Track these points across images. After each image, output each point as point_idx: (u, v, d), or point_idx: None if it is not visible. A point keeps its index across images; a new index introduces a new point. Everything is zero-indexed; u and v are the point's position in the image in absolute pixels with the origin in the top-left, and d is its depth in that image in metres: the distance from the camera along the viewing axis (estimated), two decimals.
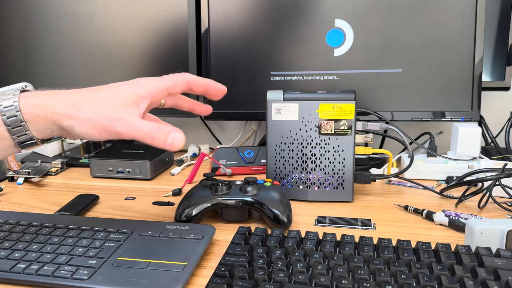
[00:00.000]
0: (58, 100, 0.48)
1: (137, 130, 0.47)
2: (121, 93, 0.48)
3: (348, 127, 0.69)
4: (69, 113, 0.47)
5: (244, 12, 0.88)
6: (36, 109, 0.48)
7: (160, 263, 0.48)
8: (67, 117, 0.47)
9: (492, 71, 0.90)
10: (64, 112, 0.47)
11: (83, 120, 0.47)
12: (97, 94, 0.48)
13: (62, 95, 0.48)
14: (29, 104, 0.47)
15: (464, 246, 0.48)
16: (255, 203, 0.61)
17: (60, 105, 0.47)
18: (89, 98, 0.48)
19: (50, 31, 0.98)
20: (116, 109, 0.47)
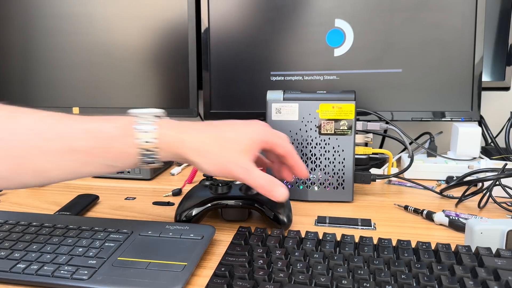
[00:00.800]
0: (190, 135, 0.51)
1: (254, 180, 0.52)
2: (245, 136, 0.53)
3: (348, 127, 0.69)
4: (199, 152, 0.51)
5: (244, 12, 0.88)
6: (171, 140, 0.51)
7: (160, 263, 0.48)
8: (197, 154, 0.51)
9: (492, 71, 0.90)
10: (194, 150, 0.51)
11: (209, 160, 0.51)
12: (225, 134, 0.52)
13: (194, 130, 0.52)
14: (166, 134, 0.50)
15: (464, 246, 0.48)
16: (255, 203, 0.61)
17: (192, 142, 0.51)
18: (218, 138, 0.52)
19: (50, 31, 0.98)
20: (239, 155, 0.52)
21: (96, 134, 0.49)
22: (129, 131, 0.50)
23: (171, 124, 0.52)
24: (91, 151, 0.49)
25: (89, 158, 0.50)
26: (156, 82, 0.96)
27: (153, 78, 0.96)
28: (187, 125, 0.52)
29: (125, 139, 0.50)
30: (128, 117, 0.51)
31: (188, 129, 0.52)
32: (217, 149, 0.51)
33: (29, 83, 1.01)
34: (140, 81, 0.96)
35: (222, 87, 0.91)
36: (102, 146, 0.49)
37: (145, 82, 0.96)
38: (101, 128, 0.50)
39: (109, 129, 0.50)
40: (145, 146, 0.50)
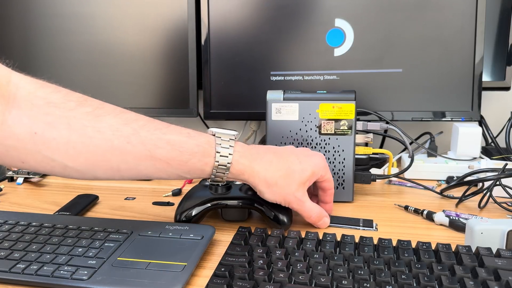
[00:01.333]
0: (261, 166, 0.55)
1: (306, 212, 0.58)
2: (308, 169, 0.57)
3: (348, 127, 0.69)
4: (266, 183, 0.56)
5: (244, 12, 0.88)
6: (243, 168, 0.55)
7: (160, 263, 0.48)
8: (264, 185, 0.56)
9: (493, 71, 0.90)
10: (262, 181, 0.56)
11: (273, 191, 0.56)
12: (292, 167, 0.57)
13: (264, 162, 0.56)
14: (239, 162, 0.55)
15: (464, 246, 0.48)
16: (255, 203, 0.61)
17: (262, 173, 0.55)
18: (285, 172, 0.56)
19: (50, 31, 0.98)
20: (299, 187, 0.57)
21: (178, 147, 0.52)
22: (209, 151, 0.53)
23: (246, 151, 0.56)
24: (170, 161, 0.52)
25: (165, 167, 0.52)
26: (156, 82, 0.96)
27: (153, 78, 0.96)
28: (258, 153, 0.56)
29: (204, 158, 0.53)
30: (209, 136, 0.55)
31: (259, 158, 0.56)
32: (283, 182, 0.56)
33: None
34: (140, 80, 0.96)
35: (222, 87, 0.91)
36: (181, 159, 0.52)
37: (145, 81, 0.96)
38: (184, 143, 0.52)
39: (191, 145, 0.53)
40: (220, 168, 0.54)
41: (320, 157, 0.60)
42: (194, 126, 1.13)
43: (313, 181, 0.58)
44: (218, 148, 0.53)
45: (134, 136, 0.51)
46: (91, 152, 0.50)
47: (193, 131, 0.54)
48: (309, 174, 0.57)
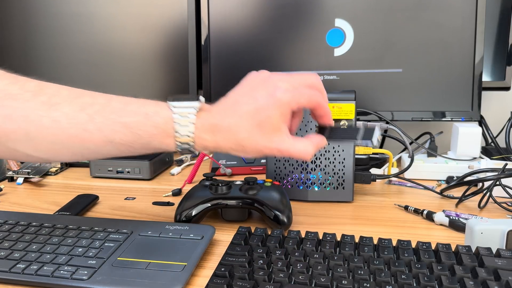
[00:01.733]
0: (224, 136, 0.50)
1: (296, 155, 0.51)
2: (273, 115, 0.49)
3: (348, 127, 0.69)
4: (234, 150, 0.51)
5: (244, 12, 0.88)
6: (206, 144, 0.51)
7: (160, 263, 0.48)
8: (234, 151, 0.51)
9: (492, 71, 0.90)
10: (229, 149, 0.51)
11: (248, 153, 0.51)
12: (255, 120, 0.50)
13: (226, 130, 0.50)
14: (202, 138, 0.51)
15: (464, 246, 0.48)
16: (255, 203, 0.61)
17: (226, 144, 0.51)
18: (249, 131, 0.50)
19: (50, 31, 0.98)
20: (272, 137, 0.50)
21: (136, 130, 0.50)
22: (169, 132, 0.50)
23: (206, 122, 0.51)
24: (131, 144, 0.51)
25: (129, 148, 0.52)
26: (156, 82, 0.96)
27: (153, 77, 0.96)
28: (218, 121, 0.51)
29: (164, 139, 0.51)
30: (167, 113, 0.51)
31: (222, 126, 0.50)
32: (249, 142, 0.50)
33: None
34: (140, 80, 0.96)
35: (222, 87, 0.91)
36: (142, 142, 0.51)
37: (145, 81, 0.96)
38: (141, 125, 0.50)
39: (149, 127, 0.50)
40: (184, 147, 0.51)
41: (281, 87, 0.50)
42: None
43: (287, 117, 0.51)
44: (177, 127, 0.50)
45: (90, 123, 0.50)
46: (50, 142, 0.50)
47: (152, 108, 0.51)
48: (277, 120, 0.49)
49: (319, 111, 0.54)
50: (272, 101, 0.49)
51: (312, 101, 0.52)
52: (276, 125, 0.50)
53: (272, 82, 0.51)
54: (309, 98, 0.51)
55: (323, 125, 0.55)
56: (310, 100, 0.52)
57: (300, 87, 0.51)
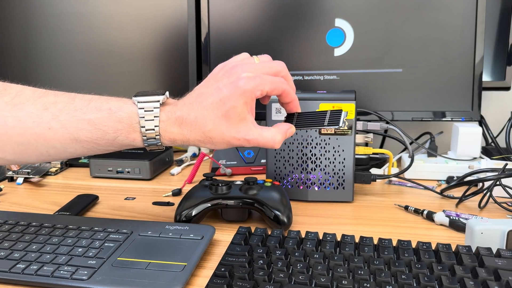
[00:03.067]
0: (191, 129, 0.51)
1: (263, 143, 0.52)
2: (236, 105, 0.50)
3: (348, 127, 0.69)
4: (202, 142, 0.52)
5: (244, 12, 0.88)
6: (173, 137, 0.51)
7: (160, 263, 0.48)
8: (202, 144, 0.52)
9: (493, 71, 0.90)
10: (197, 142, 0.52)
11: (216, 145, 0.52)
12: (219, 112, 0.50)
13: (192, 122, 0.51)
14: (168, 131, 0.51)
15: (464, 246, 0.48)
16: (255, 203, 0.61)
17: (193, 137, 0.51)
18: (214, 123, 0.50)
19: (50, 31, 0.98)
20: (238, 127, 0.50)
21: (101, 126, 0.50)
22: (134, 127, 0.50)
23: (172, 116, 0.51)
24: (96, 141, 0.51)
25: (95, 146, 0.51)
26: (156, 82, 0.96)
27: (153, 77, 0.95)
28: (183, 114, 0.51)
29: (130, 134, 0.51)
30: (131, 108, 0.51)
31: (187, 119, 0.51)
32: (216, 133, 0.51)
33: (29, 82, 1.01)
34: (140, 80, 0.96)
35: None
36: (107, 138, 0.51)
37: (145, 81, 0.96)
38: (105, 121, 0.50)
39: (114, 123, 0.50)
40: (150, 141, 0.51)
41: (242, 77, 0.50)
42: None
43: (252, 105, 0.51)
44: (142, 122, 0.50)
45: (54, 122, 0.50)
46: (16, 142, 0.50)
47: (115, 104, 0.51)
48: (241, 110, 0.50)
49: (284, 98, 0.54)
50: (235, 91, 0.50)
51: (276, 88, 0.52)
52: (241, 114, 0.50)
53: (235, 72, 0.51)
54: (273, 85, 0.52)
55: (290, 112, 0.56)
56: (275, 87, 0.52)
57: (264, 74, 0.52)
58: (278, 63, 0.54)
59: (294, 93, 0.55)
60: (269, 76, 0.52)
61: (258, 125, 0.52)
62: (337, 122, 0.53)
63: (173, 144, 0.52)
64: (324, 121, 0.54)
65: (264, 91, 0.51)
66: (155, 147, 0.52)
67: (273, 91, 0.52)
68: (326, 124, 0.54)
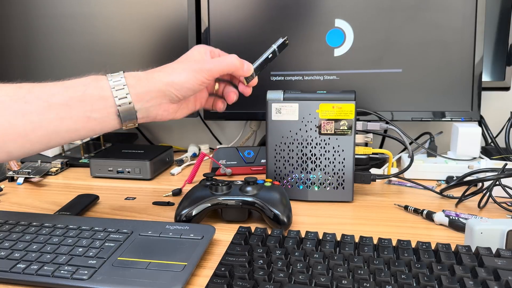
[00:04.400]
0: (154, 78, 0.58)
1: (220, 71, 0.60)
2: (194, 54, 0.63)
3: (348, 127, 0.69)
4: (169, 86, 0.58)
5: (244, 12, 0.88)
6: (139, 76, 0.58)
7: (160, 263, 0.48)
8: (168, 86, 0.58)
9: (492, 71, 0.90)
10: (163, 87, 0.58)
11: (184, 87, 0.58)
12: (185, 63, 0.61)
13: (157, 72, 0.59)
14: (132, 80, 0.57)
15: (464, 246, 0.48)
16: (255, 203, 0.61)
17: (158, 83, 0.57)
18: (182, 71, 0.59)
19: (50, 31, 0.98)
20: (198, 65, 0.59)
21: (70, 86, 0.55)
22: (101, 78, 0.56)
23: (136, 73, 0.58)
24: (68, 102, 0.54)
25: (67, 110, 0.54)
26: None
27: None
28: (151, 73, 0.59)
29: (98, 83, 0.56)
30: (99, 76, 0.57)
31: (153, 72, 0.59)
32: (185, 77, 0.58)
33: (29, 82, 1.01)
34: None
35: None
36: (77, 95, 0.54)
37: None
38: (75, 82, 0.56)
39: (83, 80, 0.56)
40: (116, 83, 0.56)
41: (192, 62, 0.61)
42: (194, 126, 1.14)
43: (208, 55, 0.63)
44: (109, 76, 0.56)
45: (29, 95, 0.54)
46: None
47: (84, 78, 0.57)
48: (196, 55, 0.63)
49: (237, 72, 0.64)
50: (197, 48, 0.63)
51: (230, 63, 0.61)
52: (198, 57, 0.62)
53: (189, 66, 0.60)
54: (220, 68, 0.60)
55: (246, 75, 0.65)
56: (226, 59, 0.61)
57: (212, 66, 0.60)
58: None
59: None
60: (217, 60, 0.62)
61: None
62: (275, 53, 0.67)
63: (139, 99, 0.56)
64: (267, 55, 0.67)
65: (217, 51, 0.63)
66: (123, 95, 0.55)
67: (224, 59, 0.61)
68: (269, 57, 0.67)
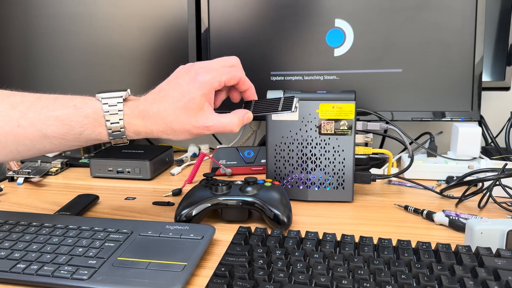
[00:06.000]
0: (154, 122, 0.54)
1: (223, 129, 0.55)
2: (195, 96, 0.53)
3: (348, 127, 0.69)
4: (165, 133, 0.55)
5: (244, 12, 0.88)
6: (137, 129, 0.54)
7: (160, 263, 0.48)
8: (165, 135, 0.55)
9: (492, 71, 0.90)
10: (160, 133, 0.55)
11: (178, 136, 0.55)
12: (179, 104, 0.54)
13: (155, 115, 0.54)
14: (132, 124, 0.54)
15: (464, 246, 0.48)
16: (255, 203, 0.61)
17: (157, 128, 0.54)
18: (175, 114, 0.54)
19: (50, 31, 0.98)
20: (197, 117, 0.54)
21: (67, 122, 0.53)
22: (99, 121, 0.54)
23: (135, 109, 0.54)
24: (63, 136, 0.53)
25: (62, 141, 0.54)
26: (156, 82, 0.95)
27: (153, 78, 0.95)
28: (146, 107, 0.54)
29: (96, 128, 0.54)
30: (96, 104, 0.54)
31: (150, 112, 0.54)
32: (177, 124, 0.54)
33: (29, 83, 1.01)
34: (140, 80, 0.96)
35: None
36: (74, 133, 0.54)
37: (145, 82, 0.96)
38: (72, 116, 0.53)
39: (80, 118, 0.53)
40: (115, 135, 0.54)
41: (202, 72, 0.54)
42: None
43: (210, 97, 0.55)
44: (107, 116, 0.53)
45: (22, 119, 0.53)
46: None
47: (80, 101, 0.54)
48: (199, 100, 0.53)
49: (241, 86, 0.58)
50: (194, 84, 0.54)
51: (233, 77, 0.56)
52: (199, 104, 0.54)
53: (193, 69, 0.56)
54: (229, 75, 0.56)
55: (248, 99, 0.60)
56: (232, 77, 0.56)
57: (220, 67, 0.56)
58: (232, 57, 0.59)
59: (249, 82, 0.59)
60: (225, 68, 0.56)
61: (216, 113, 0.56)
62: (289, 108, 0.58)
63: (137, 136, 0.55)
64: (278, 107, 0.58)
65: (222, 81, 0.55)
66: (120, 140, 0.55)
67: (230, 80, 0.56)
68: (280, 110, 0.58)
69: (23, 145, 0.54)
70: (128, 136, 0.55)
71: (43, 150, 0.55)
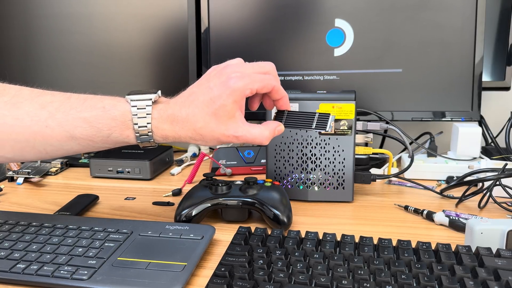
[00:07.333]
0: (182, 128, 0.52)
1: (252, 140, 0.53)
2: (226, 103, 0.51)
3: (348, 127, 0.69)
4: (193, 139, 0.53)
5: (244, 12, 0.88)
6: (165, 134, 0.53)
7: (160, 263, 0.48)
8: (194, 140, 0.53)
9: (492, 71, 0.90)
10: (189, 139, 0.53)
11: (207, 141, 0.53)
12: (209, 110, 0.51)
13: (183, 120, 0.52)
14: (160, 129, 0.53)
15: (464, 246, 0.48)
16: (255, 203, 0.61)
17: (185, 134, 0.52)
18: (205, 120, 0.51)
19: (50, 31, 0.98)
20: (227, 125, 0.52)
21: (95, 124, 0.52)
22: (127, 124, 0.52)
23: (164, 114, 0.53)
24: (91, 138, 0.52)
25: (90, 143, 0.53)
26: (156, 82, 0.96)
27: (153, 78, 0.95)
28: (175, 112, 0.52)
29: (123, 131, 0.53)
30: (125, 106, 0.53)
31: (179, 117, 0.52)
32: (207, 131, 0.52)
33: (29, 83, 1.01)
34: (140, 81, 0.96)
35: None
36: (102, 135, 0.52)
37: (145, 82, 0.96)
38: (100, 118, 0.52)
39: (108, 120, 0.52)
40: (143, 138, 0.53)
41: (233, 77, 0.52)
42: None
43: (241, 105, 0.53)
44: (135, 119, 0.52)
45: (51, 120, 0.52)
46: (14, 140, 0.52)
47: (110, 102, 0.53)
48: (231, 107, 0.51)
49: (274, 95, 0.56)
50: (225, 90, 0.51)
51: (266, 85, 0.54)
52: (230, 112, 0.51)
53: (225, 73, 0.53)
54: (262, 83, 0.53)
55: (280, 109, 0.57)
56: (264, 85, 0.54)
57: (253, 74, 0.53)
58: (267, 63, 0.56)
59: (284, 91, 0.57)
60: (258, 75, 0.54)
61: (247, 122, 0.53)
62: (324, 126, 0.56)
63: (165, 140, 0.54)
64: (312, 124, 0.57)
65: (254, 89, 0.53)
66: (148, 144, 0.54)
67: (263, 89, 0.54)
68: (313, 127, 0.56)
69: (51, 145, 0.53)
70: (156, 140, 0.53)
71: (71, 151, 0.54)
